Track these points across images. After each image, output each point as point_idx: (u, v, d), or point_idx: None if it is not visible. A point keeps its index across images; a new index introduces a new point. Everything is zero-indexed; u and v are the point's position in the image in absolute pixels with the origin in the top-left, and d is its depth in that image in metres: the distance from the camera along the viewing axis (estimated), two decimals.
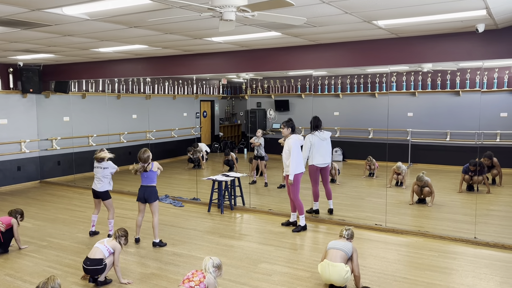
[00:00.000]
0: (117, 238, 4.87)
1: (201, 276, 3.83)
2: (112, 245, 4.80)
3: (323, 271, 4.54)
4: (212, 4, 3.55)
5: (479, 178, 8.92)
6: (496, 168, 9.45)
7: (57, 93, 10.69)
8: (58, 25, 5.47)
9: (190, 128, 14.52)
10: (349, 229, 4.80)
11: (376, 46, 6.68)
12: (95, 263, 4.67)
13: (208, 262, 3.91)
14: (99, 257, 4.69)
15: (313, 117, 7.37)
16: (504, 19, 5.25)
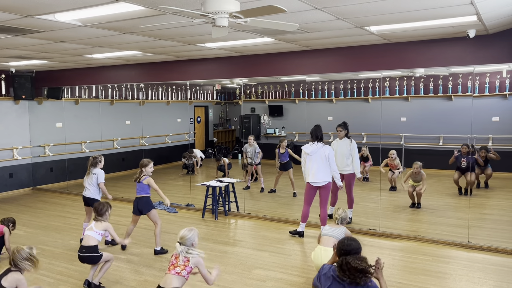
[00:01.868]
0: (102, 217, 4.85)
1: (184, 259, 3.65)
2: (101, 228, 4.80)
3: (316, 256, 4.62)
4: (205, 10, 3.56)
5: (472, 178, 8.87)
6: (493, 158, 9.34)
7: (49, 99, 10.63)
8: (50, 32, 5.46)
9: (184, 134, 14.49)
10: (341, 214, 4.83)
11: (368, 52, 6.73)
12: (91, 250, 4.68)
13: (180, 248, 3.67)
14: (93, 244, 4.70)
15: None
16: (494, 24, 5.31)
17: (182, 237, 3.67)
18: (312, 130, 6.46)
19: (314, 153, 6.30)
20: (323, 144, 6.35)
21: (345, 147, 7.03)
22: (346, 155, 7.00)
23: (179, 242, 3.67)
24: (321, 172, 6.27)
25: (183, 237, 3.67)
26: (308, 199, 6.49)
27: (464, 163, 8.98)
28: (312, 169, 6.29)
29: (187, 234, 3.68)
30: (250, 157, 9.90)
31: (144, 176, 5.93)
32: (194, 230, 3.77)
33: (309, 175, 6.34)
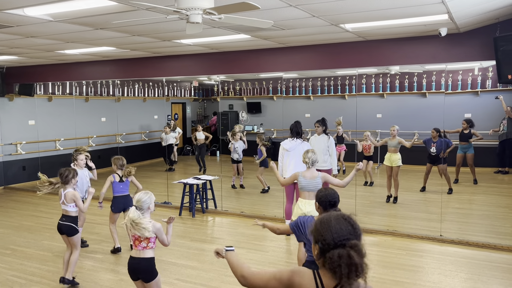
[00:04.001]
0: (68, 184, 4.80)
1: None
2: (70, 199, 4.77)
3: (301, 207, 4.73)
4: (178, 6, 3.52)
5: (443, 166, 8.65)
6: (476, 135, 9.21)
7: (21, 96, 10.35)
8: (20, 26, 5.30)
9: (161, 131, 14.35)
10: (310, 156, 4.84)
11: (344, 49, 6.79)
12: (70, 219, 4.76)
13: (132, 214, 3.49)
14: (74, 215, 4.80)
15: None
16: (465, 23, 5.43)
17: (138, 200, 3.54)
18: (292, 126, 6.46)
19: (293, 149, 6.32)
20: (302, 141, 6.39)
21: (322, 143, 7.07)
22: (323, 151, 7.03)
23: (135, 205, 3.54)
24: (299, 168, 6.23)
25: (139, 200, 3.54)
26: (289, 195, 6.48)
27: (434, 148, 8.72)
28: (290, 165, 6.31)
29: (143, 197, 3.56)
30: (238, 153, 9.80)
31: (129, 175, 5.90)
32: (151, 194, 3.65)
33: (287, 171, 6.35)
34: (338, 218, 1.79)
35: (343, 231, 1.74)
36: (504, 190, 9.26)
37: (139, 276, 3.63)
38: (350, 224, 1.78)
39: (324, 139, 7.10)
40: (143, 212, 3.53)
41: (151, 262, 3.63)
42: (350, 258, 1.67)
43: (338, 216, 1.80)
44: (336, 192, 3.35)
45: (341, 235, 1.73)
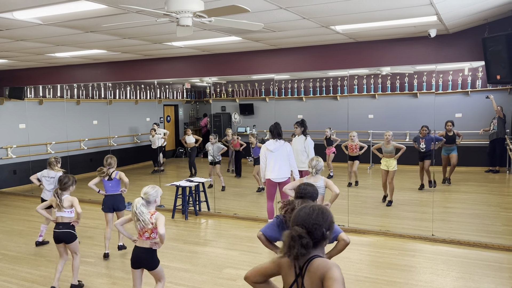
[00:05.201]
0: (66, 190, 4.75)
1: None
2: (68, 204, 4.68)
3: None
4: (168, 9, 3.52)
5: (428, 162, 8.84)
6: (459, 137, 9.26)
7: (11, 99, 10.26)
8: (9, 30, 5.27)
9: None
10: (315, 164, 4.82)
11: (335, 51, 6.82)
12: (67, 226, 4.67)
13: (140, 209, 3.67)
14: (67, 221, 4.69)
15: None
16: (454, 24, 5.48)
17: (145, 193, 3.76)
18: (273, 127, 6.51)
19: (277, 150, 6.39)
20: (284, 142, 6.49)
21: (299, 144, 7.18)
22: (300, 152, 7.14)
23: (142, 197, 3.75)
24: (283, 168, 6.42)
25: (146, 193, 3.76)
26: (270, 195, 6.56)
27: (423, 143, 8.99)
28: (275, 166, 6.39)
29: (150, 191, 3.78)
30: (212, 155, 9.90)
31: (114, 172, 5.86)
32: (158, 188, 3.88)
33: (271, 171, 6.41)
34: (304, 207, 2.12)
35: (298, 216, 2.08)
36: (494, 189, 9.35)
37: (141, 265, 3.86)
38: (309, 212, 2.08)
39: (302, 140, 7.21)
40: (150, 205, 3.77)
41: (153, 252, 3.84)
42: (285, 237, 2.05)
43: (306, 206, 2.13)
44: (308, 188, 3.35)
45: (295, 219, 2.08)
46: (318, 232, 2.04)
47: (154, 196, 3.79)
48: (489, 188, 9.42)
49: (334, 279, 1.92)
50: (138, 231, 3.81)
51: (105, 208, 5.90)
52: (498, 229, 6.61)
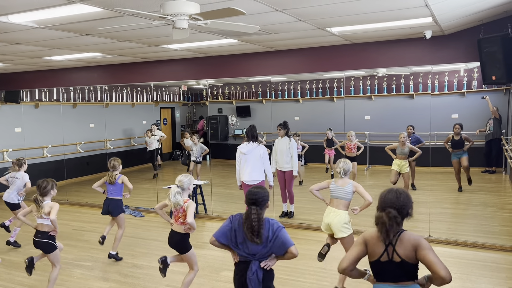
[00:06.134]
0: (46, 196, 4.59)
1: (181, 210, 4.19)
2: (47, 210, 4.51)
3: (325, 215, 4.66)
4: (164, 12, 3.52)
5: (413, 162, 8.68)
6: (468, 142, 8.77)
7: (7, 103, 10.23)
8: (4, 33, 5.26)
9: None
10: (342, 166, 4.73)
11: (331, 52, 6.84)
12: (45, 236, 4.53)
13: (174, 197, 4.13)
14: (47, 230, 4.55)
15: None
16: (449, 25, 5.50)
17: (180, 181, 4.23)
18: (248, 130, 6.65)
19: (249, 152, 6.49)
20: (258, 144, 6.55)
21: (284, 145, 7.29)
22: (285, 153, 7.26)
23: (177, 184, 4.21)
24: (255, 171, 6.50)
25: (180, 181, 4.23)
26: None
27: (409, 143, 8.90)
28: (248, 168, 6.48)
29: (184, 179, 4.26)
30: (196, 156, 10.11)
31: (117, 175, 5.84)
32: (190, 177, 4.34)
33: (244, 174, 6.53)
34: (390, 191, 2.64)
35: (387, 200, 2.60)
36: (491, 190, 9.38)
37: (173, 247, 4.32)
38: (396, 195, 2.61)
39: (286, 141, 7.30)
40: (184, 192, 4.23)
41: (184, 236, 4.26)
42: (381, 218, 2.54)
43: (391, 190, 2.65)
44: (260, 193, 3.23)
45: (385, 201, 2.60)
46: (405, 212, 2.59)
47: (187, 184, 4.25)
48: (485, 189, 9.44)
49: (428, 248, 2.49)
50: (174, 215, 4.25)
51: (103, 211, 5.93)
52: (495, 230, 6.62)
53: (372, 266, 2.66)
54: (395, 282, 2.56)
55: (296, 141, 9.88)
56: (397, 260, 2.53)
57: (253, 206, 3.13)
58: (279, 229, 3.08)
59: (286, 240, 3.06)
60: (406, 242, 2.52)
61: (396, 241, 2.53)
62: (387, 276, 2.58)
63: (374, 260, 2.61)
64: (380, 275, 2.62)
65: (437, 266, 2.42)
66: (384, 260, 2.56)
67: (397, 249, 2.52)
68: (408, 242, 2.52)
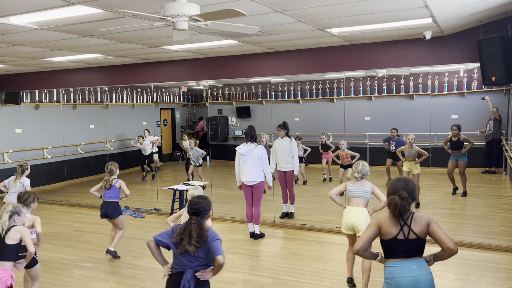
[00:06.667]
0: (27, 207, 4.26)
1: None
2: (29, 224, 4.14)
3: (346, 215, 4.60)
4: (164, 13, 3.53)
5: (399, 163, 8.64)
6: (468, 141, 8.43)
7: (7, 104, 10.23)
8: (5, 35, 5.26)
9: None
10: (360, 169, 4.68)
11: (331, 53, 6.84)
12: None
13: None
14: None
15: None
16: (449, 26, 5.51)
17: (191, 195, 4.03)
18: (247, 131, 6.65)
19: (247, 153, 6.49)
20: (256, 145, 6.55)
21: (285, 146, 7.32)
22: (286, 153, 7.29)
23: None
24: (254, 172, 6.49)
25: (192, 195, 4.00)
26: (246, 199, 6.67)
27: (393, 146, 9.14)
28: (246, 169, 6.49)
29: (195, 193, 4.08)
30: (193, 160, 10.11)
31: (115, 180, 5.84)
32: (200, 189, 4.23)
33: (242, 174, 6.54)
34: (398, 179, 2.99)
35: (397, 185, 2.93)
36: (491, 190, 9.38)
37: None
38: (405, 182, 2.95)
39: (287, 141, 7.34)
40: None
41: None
42: (394, 200, 2.87)
43: (400, 178, 3.00)
44: (201, 203, 3.20)
45: (396, 187, 2.92)
46: (413, 196, 2.91)
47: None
48: (485, 189, 9.45)
49: (437, 224, 2.89)
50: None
51: (101, 214, 5.90)
52: (495, 230, 6.62)
53: (387, 245, 2.95)
54: (407, 257, 2.89)
55: (298, 145, 10.01)
56: (412, 238, 2.87)
57: (194, 216, 3.13)
58: (213, 239, 3.09)
59: (217, 248, 3.07)
60: (419, 220, 2.88)
61: (410, 221, 2.88)
62: (400, 252, 2.89)
63: (389, 238, 2.91)
64: (392, 253, 2.92)
65: (445, 239, 2.82)
66: (401, 238, 2.87)
67: (413, 228, 2.87)
68: (421, 220, 2.88)
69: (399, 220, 2.88)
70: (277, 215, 7.59)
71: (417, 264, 2.89)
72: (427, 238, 2.95)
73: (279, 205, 7.64)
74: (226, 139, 14.57)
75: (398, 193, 2.87)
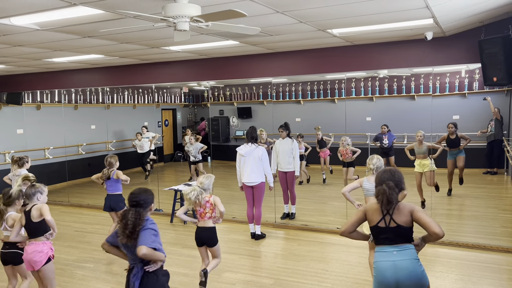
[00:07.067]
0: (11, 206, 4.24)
1: (208, 205, 4.52)
2: (11, 223, 4.14)
3: None
4: (165, 14, 3.53)
5: (392, 158, 8.86)
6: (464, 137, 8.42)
7: (9, 105, 10.25)
8: (6, 36, 5.28)
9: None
10: (376, 163, 4.64)
11: (332, 54, 6.84)
12: (13, 246, 4.15)
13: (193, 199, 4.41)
14: (15, 241, 4.14)
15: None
16: (450, 27, 5.50)
17: (201, 183, 4.53)
18: (248, 131, 6.65)
19: (248, 154, 6.48)
20: (256, 146, 6.55)
21: (287, 146, 7.32)
22: (288, 154, 7.29)
23: (199, 186, 4.50)
24: (254, 172, 6.47)
25: (202, 183, 4.53)
26: (247, 199, 6.69)
27: (386, 140, 9.25)
28: (247, 170, 6.49)
29: (205, 181, 4.55)
30: (193, 155, 10.08)
31: (112, 171, 5.93)
32: (212, 178, 4.66)
33: (243, 175, 6.54)
34: (385, 171, 3.09)
35: (384, 177, 3.03)
36: (493, 191, 9.37)
37: (204, 243, 4.60)
38: (391, 173, 3.05)
39: (288, 142, 7.34)
40: (205, 191, 4.53)
41: (214, 229, 4.59)
42: (381, 189, 2.97)
43: (386, 169, 3.12)
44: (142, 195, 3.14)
45: (382, 178, 3.03)
46: (399, 186, 3.01)
47: (208, 185, 4.57)
48: (487, 190, 9.43)
49: (421, 211, 3.00)
50: (198, 214, 4.55)
51: (104, 207, 6.04)
52: (496, 231, 6.61)
53: (371, 231, 3.10)
54: (392, 244, 2.99)
55: (300, 142, 10.01)
56: (393, 226, 2.97)
57: (133, 208, 3.07)
58: (143, 228, 3.02)
59: (143, 238, 2.97)
60: (402, 210, 2.97)
61: (393, 211, 2.98)
62: (382, 239, 3.02)
63: (372, 225, 3.06)
64: (379, 238, 3.05)
65: (430, 224, 2.91)
66: (382, 226, 2.99)
67: (395, 217, 2.97)
68: (404, 209, 2.97)
69: (383, 209, 2.99)
70: (278, 215, 7.59)
71: (398, 251, 2.98)
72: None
73: (280, 206, 7.64)
74: (227, 139, 14.58)
75: (385, 183, 2.97)
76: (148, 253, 2.95)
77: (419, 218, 2.93)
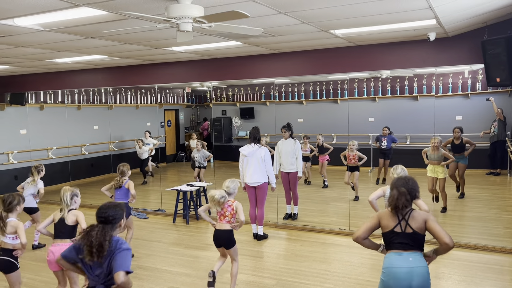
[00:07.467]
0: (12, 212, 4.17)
1: (229, 209, 4.61)
2: (11, 230, 4.09)
3: None
4: (168, 15, 3.54)
5: (387, 162, 9.03)
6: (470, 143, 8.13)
7: (13, 105, 10.29)
8: (10, 36, 5.30)
9: (155, 138, 14.31)
10: (400, 172, 4.64)
11: (335, 54, 6.84)
12: (7, 254, 4.07)
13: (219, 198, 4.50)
14: (9, 248, 4.09)
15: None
16: (453, 27, 5.50)
17: (227, 187, 4.67)
18: (251, 132, 6.63)
19: (251, 154, 6.49)
20: (259, 146, 6.55)
21: (289, 147, 7.29)
22: (290, 154, 7.26)
23: (225, 190, 4.64)
24: (257, 173, 6.48)
25: (228, 187, 4.67)
26: (250, 200, 6.67)
27: (385, 142, 9.42)
28: (249, 170, 6.49)
29: (230, 185, 4.69)
30: (198, 161, 10.03)
31: (124, 180, 5.92)
32: (236, 182, 4.79)
33: (246, 176, 6.54)
34: (399, 178, 3.19)
35: (398, 183, 3.13)
36: (496, 192, 9.34)
37: (221, 244, 4.67)
38: (405, 180, 3.14)
39: (291, 143, 7.31)
40: (230, 195, 4.66)
41: (230, 233, 4.64)
42: (393, 195, 3.08)
43: (401, 177, 3.23)
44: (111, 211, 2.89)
45: (395, 184, 3.13)
46: (413, 193, 3.09)
47: (233, 189, 4.70)
48: (490, 191, 9.41)
49: (434, 221, 3.04)
50: (218, 216, 4.65)
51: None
52: (499, 232, 6.60)
53: (386, 236, 3.13)
54: (406, 250, 3.03)
55: (306, 143, 10.05)
56: (409, 231, 3.03)
57: (100, 225, 2.83)
58: (119, 250, 2.76)
59: (120, 262, 2.72)
60: (417, 217, 3.05)
61: (408, 217, 3.05)
62: (397, 244, 3.06)
63: (387, 230, 3.10)
64: (393, 243, 3.08)
65: (441, 233, 2.96)
66: (398, 231, 3.05)
67: (410, 223, 3.04)
68: (419, 217, 3.05)
69: (398, 214, 3.05)
70: (281, 216, 7.59)
71: (413, 257, 3.02)
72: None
73: (282, 206, 7.64)
74: (230, 140, 14.59)
75: (397, 188, 3.08)
76: (126, 281, 2.69)
77: (432, 228, 2.99)
